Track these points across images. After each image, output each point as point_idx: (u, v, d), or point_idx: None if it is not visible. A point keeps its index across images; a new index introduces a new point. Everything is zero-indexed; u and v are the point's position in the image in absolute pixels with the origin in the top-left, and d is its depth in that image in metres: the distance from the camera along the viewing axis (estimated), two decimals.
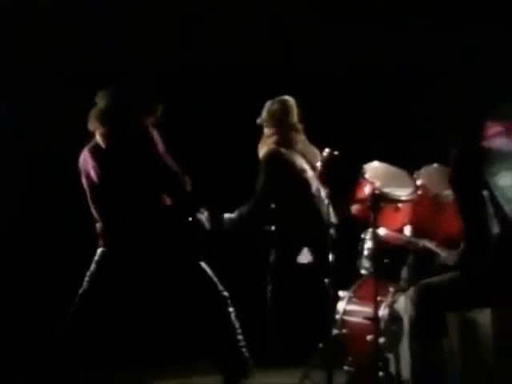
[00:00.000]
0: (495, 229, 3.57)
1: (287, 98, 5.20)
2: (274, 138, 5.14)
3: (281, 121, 5.14)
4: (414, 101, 5.86)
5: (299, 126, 5.17)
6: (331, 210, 4.94)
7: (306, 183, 4.75)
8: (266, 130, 5.18)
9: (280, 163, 5.06)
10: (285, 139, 5.09)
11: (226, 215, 5.06)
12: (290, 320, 5.29)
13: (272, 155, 5.11)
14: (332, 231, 4.87)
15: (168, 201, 4.23)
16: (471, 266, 3.66)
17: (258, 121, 5.20)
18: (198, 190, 4.28)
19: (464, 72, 5.38)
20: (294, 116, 5.17)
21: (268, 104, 5.20)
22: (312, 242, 4.63)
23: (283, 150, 5.05)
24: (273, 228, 5.26)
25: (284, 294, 5.31)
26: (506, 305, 3.79)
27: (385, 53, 5.85)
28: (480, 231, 3.58)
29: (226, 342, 4.28)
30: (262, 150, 5.12)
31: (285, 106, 5.17)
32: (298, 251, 5.07)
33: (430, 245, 4.09)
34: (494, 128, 3.71)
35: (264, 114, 5.19)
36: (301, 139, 5.11)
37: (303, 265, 4.93)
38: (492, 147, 3.66)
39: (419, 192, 4.23)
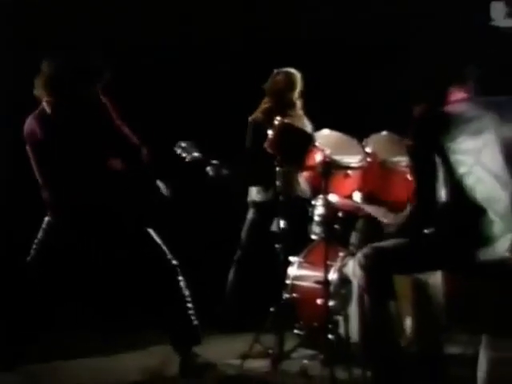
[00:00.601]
0: (446, 195, 3.67)
1: (293, 71, 5.28)
2: (265, 107, 5.27)
3: (278, 92, 5.25)
4: (364, 69, 5.94)
5: (297, 102, 5.26)
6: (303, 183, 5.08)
7: None
8: (266, 98, 5.30)
9: (257, 132, 5.15)
10: (276, 110, 5.14)
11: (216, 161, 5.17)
12: (248, 285, 5.38)
13: (251, 123, 5.24)
14: (308, 206, 4.97)
15: (119, 168, 4.23)
16: (419, 230, 3.76)
17: (263, 86, 5.29)
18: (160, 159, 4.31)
19: (422, 40, 5.45)
20: (295, 91, 5.25)
21: (274, 73, 5.30)
22: (282, 212, 4.64)
23: (265, 120, 5.14)
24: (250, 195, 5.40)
25: (250, 261, 5.41)
26: (453, 269, 3.90)
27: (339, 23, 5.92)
28: (432, 196, 3.67)
29: (176, 311, 4.30)
30: (252, 116, 5.28)
31: (288, 78, 5.26)
32: (270, 220, 5.16)
33: (375, 212, 4.18)
34: (457, 94, 3.77)
35: (268, 81, 5.29)
36: (295, 114, 5.17)
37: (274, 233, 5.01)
38: (454, 112, 3.72)
39: (368, 159, 4.30)
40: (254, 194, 5.38)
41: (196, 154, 5.07)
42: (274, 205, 4.82)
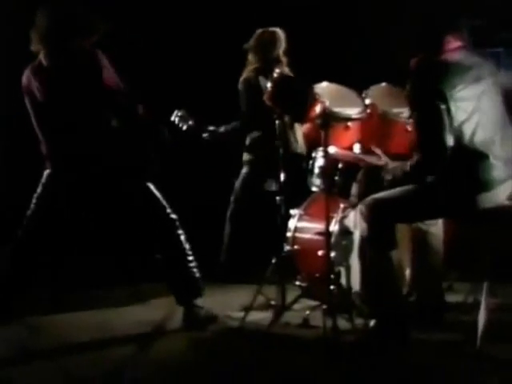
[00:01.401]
0: (449, 141, 3.67)
1: (277, 29, 5.32)
2: (254, 66, 5.30)
3: (265, 51, 5.28)
4: (363, 20, 5.91)
5: (283, 59, 5.31)
6: (302, 140, 5.13)
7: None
8: (250, 57, 5.33)
9: (251, 90, 5.18)
10: (264, 69, 5.18)
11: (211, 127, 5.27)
12: (244, 238, 5.42)
13: (245, 82, 5.27)
14: (303, 163, 4.99)
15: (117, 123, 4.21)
16: (422, 178, 3.77)
17: (245, 46, 5.31)
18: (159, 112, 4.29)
19: None
20: (280, 48, 5.29)
21: (258, 32, 5.33)
22: (278, 169, 4.62)
23: (257, 78, 5.16)
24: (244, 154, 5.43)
25: (243, 215, 5.45)
26: (453, 216, 3.93)
27: None
28: (435, 143, 3.66)
29: (177, 265, 4.32)
30: (242, 76, 5.28)
31: (273, 36, 5.31)
32: (263, 177, 5.19)
33: (378, 156, 4.18)
34: (454, 42, 3.77)
35: (252, 41, 5.32)
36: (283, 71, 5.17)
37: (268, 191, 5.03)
38: (452, 60, 3.72)
39: (368, 110, 4.30)
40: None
41: (191, 123, 5.12)
42: (267, 162, 4.84)
